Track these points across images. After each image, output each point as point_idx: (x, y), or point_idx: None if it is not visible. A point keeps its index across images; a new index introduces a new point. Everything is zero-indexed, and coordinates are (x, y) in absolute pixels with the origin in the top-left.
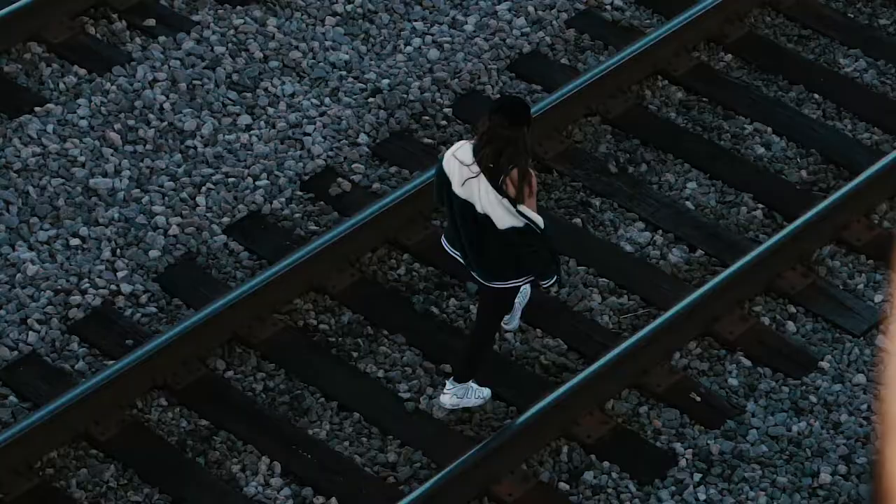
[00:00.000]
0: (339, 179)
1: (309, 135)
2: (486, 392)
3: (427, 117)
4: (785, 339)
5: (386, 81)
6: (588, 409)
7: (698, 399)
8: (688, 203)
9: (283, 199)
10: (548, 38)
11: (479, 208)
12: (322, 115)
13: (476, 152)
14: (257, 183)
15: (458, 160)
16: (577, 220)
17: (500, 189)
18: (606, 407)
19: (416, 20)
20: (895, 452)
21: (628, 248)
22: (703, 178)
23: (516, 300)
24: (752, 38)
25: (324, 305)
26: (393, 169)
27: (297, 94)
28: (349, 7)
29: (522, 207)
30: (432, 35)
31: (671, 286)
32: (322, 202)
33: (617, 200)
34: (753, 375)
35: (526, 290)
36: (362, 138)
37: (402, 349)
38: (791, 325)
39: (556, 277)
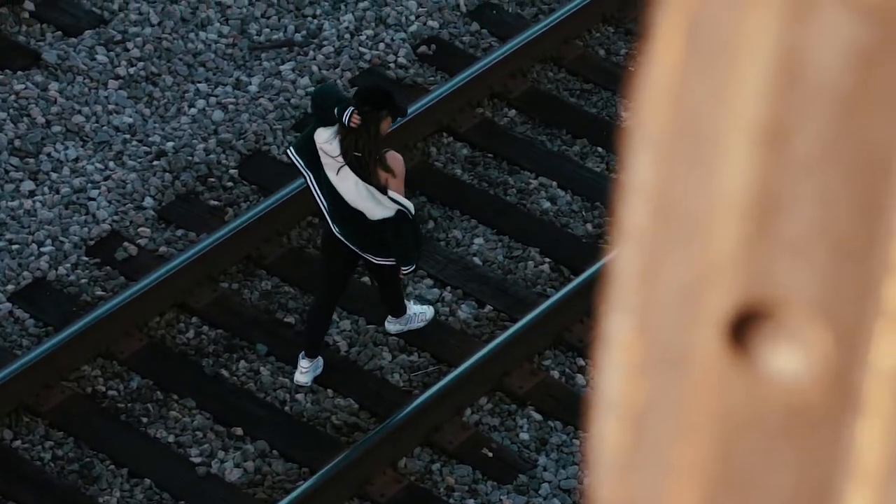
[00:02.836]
0: (126, 244)
1: (94, 199)
2: (429, 312)
3: (213, 179)
4: (575, 392)
5: (171, 144)
6: (381, 469)
7: (490, 454)
8: (475, 259)
9: (68, 265)
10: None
11: (350, 202)
12: (107, 179)
13: (341, 144)
14: (42, 249)
15: (327, 152)
16: (366, 279)
17: (367, 179)
18: (399, 465)
19: (199, 82)
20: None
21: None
22: (490, 234)
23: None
24: (536, 93)
25: (112, 371)
26: (179, 232)
27: (80, 159)
28: (132, 70)
29: (392, 193)
30: (216, 96)
31: (461, 342)
32: (108, 267)
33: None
34: (544, 429)
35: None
36: (148, 202)
37: (192, 413)
38: (581, 378)
39: (414, 266)
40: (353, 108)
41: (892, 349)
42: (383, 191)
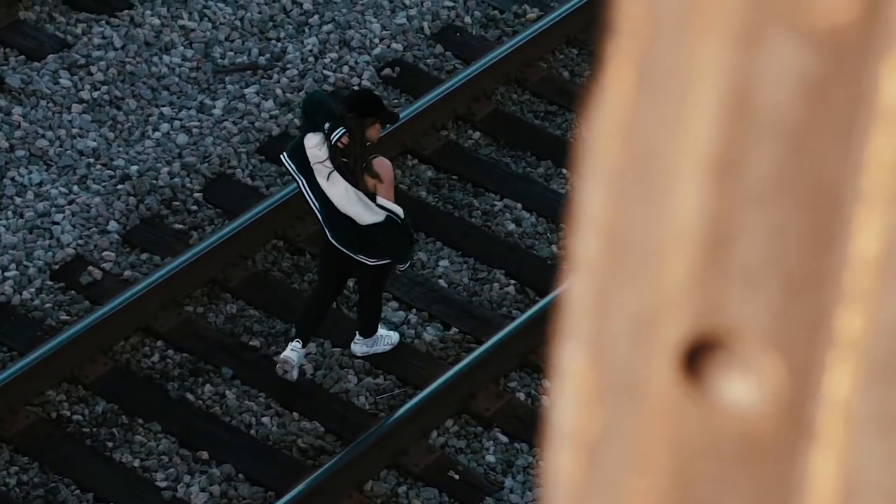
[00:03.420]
0: (90, 268)
1: (58, 223)
2: (395, 337)
3: (177, 203)
4: (541, 414)
5: (135, 168)
6: (347, 492)
7: (457, 477)
8: (440, 281)
9: (32, 290)
10: (297, 121)
11: (339, 207)
12: (71, 203)
13: (329, 149)
14: (6, 274)
15: (316, 157)
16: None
17: (356, 184)
18: (365, 488)
19: (163, 105)
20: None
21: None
22: (455, 256)
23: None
24: (500, 115)
25: (77, 396)
26: (144, 256)
27: (44, 183)
28: (95, 94)
29: (381, 199)
30: (180, 120)
31: (426, 364)
32: (73, 291)
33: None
34: (511, 451)
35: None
36: (112, 226)
37: (157, 437)
38: (546, 400)
39: (409, 263)
40: (343, 131)
41: (845, 379)
42: (372, 197)
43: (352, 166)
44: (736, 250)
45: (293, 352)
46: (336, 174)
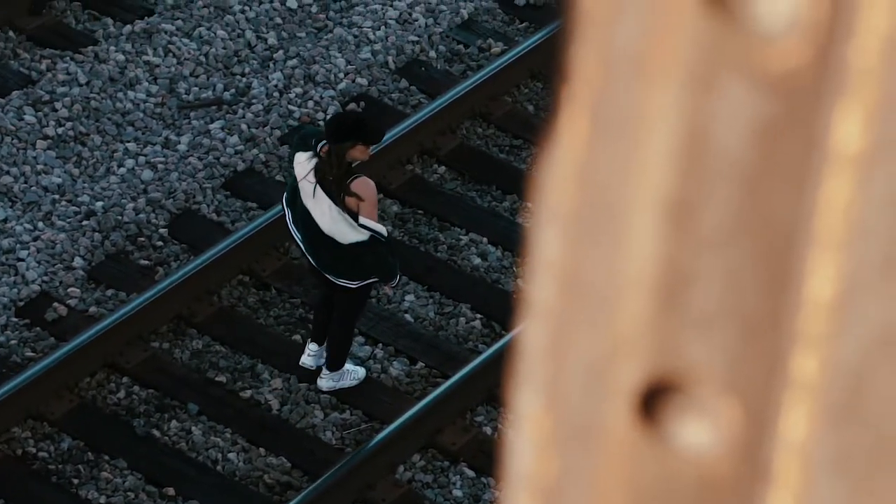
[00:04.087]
0: (55, 304)
1: (23, 260)
2: (361, 372)
3: (143, 238)
4: (499, 457)
5: (100, 204)
6: None
7: None
8: (407, 316)
9: None
10: (262, 156)
11: (322, 227)
12: (36, 239)
13: (316, 169)
14: None
15: (302, 172)
16: (297, 337)
17: (340, 204)
18: None
19: (128, 141)
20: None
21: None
22: (420, 291)
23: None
24: (465, 149)
25: (43, 432)
26: (109, 292)
27: (9, 220)
28: (60, 130)
29: (363, 219)
30: (145, 156)
31: (393, 399)
32: (38, 328)
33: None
34: (478, 486)
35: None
36: (77, 262)
37: (123, 474)
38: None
39: (398, 279)
40: (325, 143)
41: (801, 421)
42: (355, 217)
43: (332, 189)
44: (691, 294)
45: (310, 356)
46: (320, 191)
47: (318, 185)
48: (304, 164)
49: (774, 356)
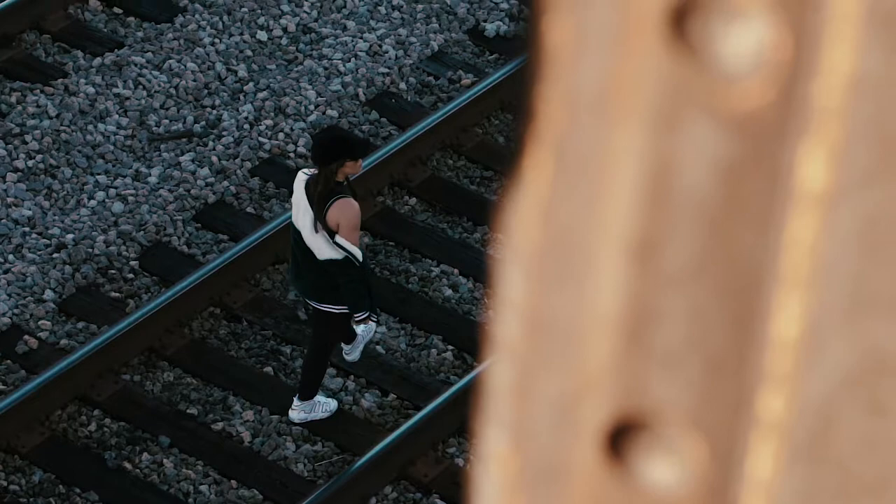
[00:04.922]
0: (26, 337)
1: None
2: (333, 404)
3: (113, 271)
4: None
5: (70, 236)
6: None
7: None
8: (378, 347)
9: None
10: (232, 188)
11: (305, 238)
12: (6, 272)
13: (306, 184)
14: None
15: (298, 186)
16: (269, 369)
17: (321, 220)
18: None
19: (99, 174)
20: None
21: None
22: (392, 322)
23: (359, 332)
24: (436, 180)
25: (14, 465)
26: (80, 324)
27: None
28: (30, 163)
29: (340, 239)
30: (116, 188)
31: (365, 431)
32: (9, 360)
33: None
34: None
35: (371, 325)
36: (48, 294)
37: None
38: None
39: (367, 313)
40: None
41: (767, 459)
42: (332, 235)
43: (314, 205)
44: (657, 332)
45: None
46: (307, 205)
47: (306, 200)
48: (301, 180)
49: (740, 395)
